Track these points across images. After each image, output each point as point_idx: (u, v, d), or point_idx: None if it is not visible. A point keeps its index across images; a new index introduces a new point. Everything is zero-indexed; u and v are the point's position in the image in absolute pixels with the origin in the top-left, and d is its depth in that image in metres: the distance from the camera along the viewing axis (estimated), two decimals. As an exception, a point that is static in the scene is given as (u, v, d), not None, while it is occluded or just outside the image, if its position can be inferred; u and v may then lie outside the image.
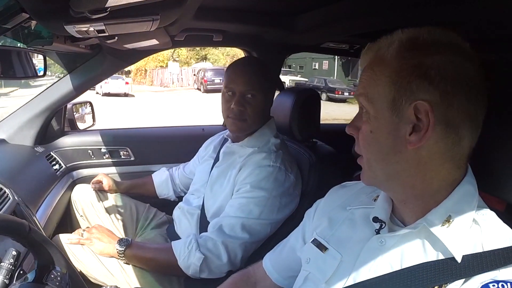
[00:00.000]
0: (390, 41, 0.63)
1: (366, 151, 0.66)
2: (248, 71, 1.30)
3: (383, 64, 0.62)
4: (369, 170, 0.66)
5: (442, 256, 0.59)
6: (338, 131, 2.75)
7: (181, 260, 1.20)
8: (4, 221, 0.67)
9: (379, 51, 0.64)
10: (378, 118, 0.62)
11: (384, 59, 0.62)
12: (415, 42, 0.60)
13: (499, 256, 0.55)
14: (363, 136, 0.65)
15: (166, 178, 1.68)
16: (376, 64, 0.64)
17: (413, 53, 0.59)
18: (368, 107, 0.64)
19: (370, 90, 0.63)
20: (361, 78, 0.67)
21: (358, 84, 0.68)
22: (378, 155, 0.64)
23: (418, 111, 0.58)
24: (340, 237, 0.72)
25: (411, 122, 0.59)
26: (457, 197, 0.60)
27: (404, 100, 0.59)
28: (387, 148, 0.62)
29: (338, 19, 1.39)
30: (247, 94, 1.27)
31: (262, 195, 1.21)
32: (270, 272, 0.90)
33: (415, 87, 0.58)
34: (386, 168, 0.64)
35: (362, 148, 0.66)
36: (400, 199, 0.65)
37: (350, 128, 0.69)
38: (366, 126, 0.64)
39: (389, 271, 0.61)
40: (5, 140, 1.59)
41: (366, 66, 0.66)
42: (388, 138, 0.62)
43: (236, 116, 1.27)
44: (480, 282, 0.54)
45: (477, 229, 0.59)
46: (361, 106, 0.66)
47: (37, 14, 0.79)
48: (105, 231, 1.30)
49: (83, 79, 1.64)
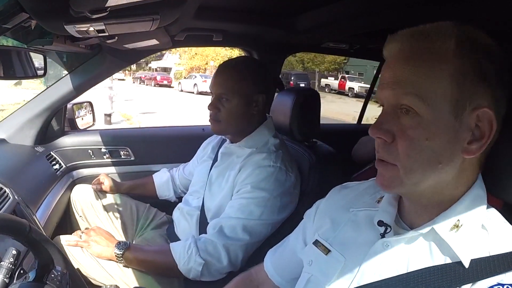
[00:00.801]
0: (441, 33, 0.55)
1: (408, 160, 0.56)
2: (223, 75, 1.31)
3: (441, 59, 0.54)
4: (405, 180, 0.58)
5: (449, 260, 0.57)
6: (338, 131, 2.76)
7: (181, 265, 1.19)
8: (4, 220, 0.67)
9: (429, 43, 0.55)
10: (437, 123, 0.54)
11: (441, 53, 0.54)
12: (475, 42, 0.55)
13: (506, 260, 0.54)
14: (410, 144, 0.56)
15: (167, 179, 1.67)
16: (429, 58, 0.55)
17: (476, 54, 0.54)
18: (423, 110, 0.54)
19: (425, 89, 0.54)
20: (400, 73, 0.56)
21: (396, 81, 0.57)
22: (427, 164, 0.56)
23: (478, 118, 0.55)
24: (343, 239, 0.70)
25: (471, 129, 0.55)
26: (468, 201, 0.59)
27: (468, 104, 0.54)
28: (442, 157, 0.55)
29: (338, 19, 1.39)
30: (222, 97, 1.29)
31: (262, 196, 1.20)
32: (272, 275, 0.89)
33: (481, 90, 0.54)
34: (430, 178, 0.57)
35: (402, 156, 0.57)
36: (424, 204, 0.61)
37: (379, 132, 0.58)
38: (418, 132, 0.55)
39: (394, 275, 0.60)
40: (5, 140, 1.59)
41: (405, 57, 0.57)
42: (446, 146, 0.55)
43: (211, 117, 1.32)
44: (486, 286, 0.53)
45: (484, 233, 0.58)
46: (406, 107, 0.56)
47: (37, 14, 0.79)
48: (103, 234, 1.29)
49: (83, 79, 1.64)
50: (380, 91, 0.60)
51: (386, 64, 0.61)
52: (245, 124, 1.33)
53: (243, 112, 1.30)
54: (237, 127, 1.33)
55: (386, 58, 0.61)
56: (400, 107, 0.57)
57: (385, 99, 0.59)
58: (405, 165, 0.57)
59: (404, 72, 0.56)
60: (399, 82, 0.56)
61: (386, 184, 0.60)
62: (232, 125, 1.32)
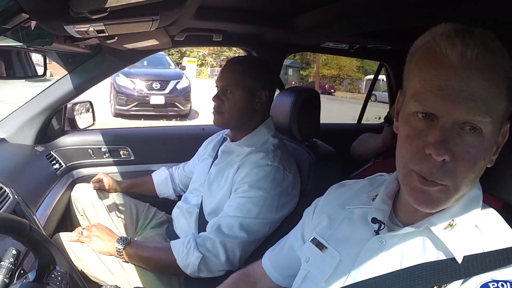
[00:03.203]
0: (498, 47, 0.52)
1: (464, 180, 0.53)
2: (229, 68, 1.35)
3: (504, 75, 0.51)
4: (447, 199, 0.55)
5: (443, 256, 0.58)
6: (338, 130, 2.76)
7: (180, 259, 1.20)
8: (5, 220, 0.67)
9: (495, 55, 0.51)
10: (489, 139, 0.52)
11: (504, 69, 0.52)
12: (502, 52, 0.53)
13: (499, 257, 0.55)
14: (473, 165, 0.52)
15: (165, 177, 1.68)
16: (498, 74, 0.51)
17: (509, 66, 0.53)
18: (489, 130, 0.51)
19: (493, 107, 0.51)
20: (478, 85, 0.50)
21: (472, 97, 0.49)
22: (474, 181, 0.56)
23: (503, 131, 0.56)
24: (340, 236, 0.72)
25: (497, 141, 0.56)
26: (464, 202, 0.60)
27: (505, 119, 0.54)
28: (480, 170, 0.55)
29: (338, 19, 1.39)
30: (227, 89, 1.32)
31: (260, 195, 1.21)
32: (270, 271, 0.90)
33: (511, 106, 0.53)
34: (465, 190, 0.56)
35: (460, 176, 0.53)
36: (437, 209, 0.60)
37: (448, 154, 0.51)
38: (480, 153, 0.52)
39: (389, 271, 0.61)
40: (5, 140, 1.59)
41: (483, 68, 0.50)
42: (486, 160, 0.54)
43: (215, 108, 1.34)
44: (480, 282, 0.54)
45: (477, 231, 0.59)
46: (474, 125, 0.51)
47: (37, 14, 0.79)
48: (105, 229, 1.31)
49: (83, 79, 1.64)
50: (440, 101, 0.51)
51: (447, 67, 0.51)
52: (246, 119, 1.34)
53: (246, 106, 1.32)
54: (238, 121, 1.35)
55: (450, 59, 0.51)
56: (465, 123, 0.51)
57: (445, 112, 0.51)
58: (458, 185, 0.54)
59: (480, 87, 0.50)
60: (476, 99, 0.50)
61: (432, 203, 0.55)
62: (234, 118, 1.33)
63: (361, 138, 1.95)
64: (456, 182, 0.53)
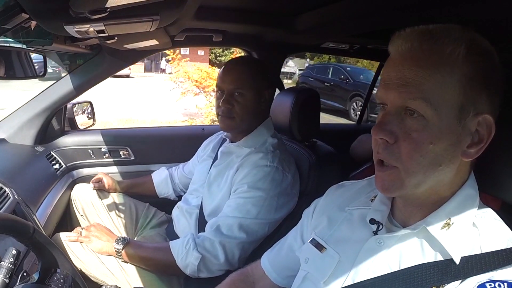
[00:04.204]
0: (453, 37, 0.54)
1: (411, 162, 0.56)
2: (236, 70, 1.32)
3: (451, 65, 0.54)
4: (406, 181, 0.58)
5: (440, 257, 0.59)
6: (338, 131, 2.76)
7: (179, 260, 1.20)
8: (9, 221, 0.67)
9: (441, 46, 0.54)
10: (442, 128, 0.55)
11: (454, 58, 0.54)
12: (482, 48, 0.55)
13: (497, 258, 0.55)
14: (414, 146, 0.55)
15: (165, 177, 1.68)
16: (439, 63, 0.54)
17: (483, 60, 0.55)
18: (429, 114, 0.54)
19: (433, 94, 0.54)
20: (408, 74, 0.55)
21: (403, 83, 0.55)
22: (430, 167, 0.56)
23: (479, 123, 0.55)
24: (339, 237, 0.72)
25: (471, 134, 0.56)
26: (459, 200, 0.60)
27: (472, 110, 0.54)
28: (443, 159, 0.56)
29: (338, 19, 1.39)
30: (235, 92, 1.28)
31: (259, 195, 1.21)
32: (269, 272, 0.90)
33: (482, 97, 0.55)
34: (428, 180, 0.58)
35: (405, 159, 0.57)
36: (419, 204, 0.62)
37: (383, 133, 0.57)
38: (423, 136, 0.55)
39: (387, 272, 0.62)
40: (5, 140, 1.59)
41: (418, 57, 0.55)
42: (448, 150, 0.56)
43: (224, 113, 1.30)
44: (477, 282, 0.54)
45: (475, 231, 0.59)
46: (411, 110, 0.55)
47: (37, 14, 0.79)
48: (104, 230, 1.31)
49: (83, 79, 1.64)
50: (383, 91, 0.59)
51: (391, 62, 0.59)
52: (254, 120, 1.34)
53: (255, 107, 1.31)
54: (249, 124, 1.33)
55: (392, 55, 0.59)
56: (406, 108, 0.56)
57: (388, 100, 0.58)
58: (407, 167, 0.57)
59: (412, 73, 0.55)
60: (407, 84, 0.55)
61: (387, 187, 0.60)
62: (245, 121, 1.32)
63: (360, 138, 1.95)
64: (403, 164, 0.57)
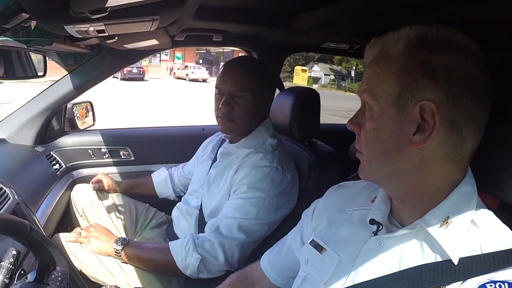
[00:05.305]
0: (397, 37, 0.61)
1: (368, 149, 0.64)
2: (236, 71, 1.30)
3: (389, 60, 0.61)
4: (368, 167, 0.65)
5: (440, 257, 0.59)
6: (338, 131, 2.76)
7: (179, 261, 1.20)
8: (6, 221, 0.67)
9: (386, 47, 0.62)
10: (382, 116, 0.61)
11: (390, 54, 0.61)
12: (423, 39, 0.59)
13: (497, 259, 0.55)
14: (366, 134, 0.64)
15: (165, 177, 1.68)
16: (381, 60, 0.62)
17: (421, 51, 0.58)
18: (372, 104, 0.62)
19: (374, 86, 0.62)
20: (365, 74, 0.65)
21: (362, 80, 0.65)
22: (380, 153, 0.62)
23: (423, 111, 0.57)
24: (338, 238, 0.72)
25: (416, 121, 0.58)
26: (456, 198, 0.60)
27: (410, 98, 0.58)
28: (390, 146, 0.61)
29: (338, 19, 1.38)
30: (236, 94, 1.27)
31: (258, 196, 1.21)
32: (268, 273, 0.90)
33: (422, 85, 0.57)
34: (387, 166, 0.62)
35: (363, 146, 0.65)
36: (399, 197, 0.65)
37: (351, 125, 0.67)
38: (370, 124, 0.63)
39: (387, 272, 0.61)
40: (5, 140, 1.59)
41: (371, 61, 0.64)
42: (391, 136, 0.61)
43: (224, 116, 1.28)
44: (477, 283, 0.54)
45: (475, 230, 0.59)
46: (364, 102, 0.64)
47: (37, 14, 0.79)
48: (103, 230, 1.31)
49: (83, 79, 1.64)
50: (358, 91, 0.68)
51: None
52: (253, 121, 1.33)
53: (256, 109, 1.31)
54: (249, 125, 1.33)
55: None
56: (365, 103, 0.64)
57: (360, 96, 0.67)
58: (366, 153, 0.65)
59: (366, 74, 0.64)
60: (364, 83, 0.64)
61: (360, 172, 0.68)
62: (246, 123, 1.31)
63: None
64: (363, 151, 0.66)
